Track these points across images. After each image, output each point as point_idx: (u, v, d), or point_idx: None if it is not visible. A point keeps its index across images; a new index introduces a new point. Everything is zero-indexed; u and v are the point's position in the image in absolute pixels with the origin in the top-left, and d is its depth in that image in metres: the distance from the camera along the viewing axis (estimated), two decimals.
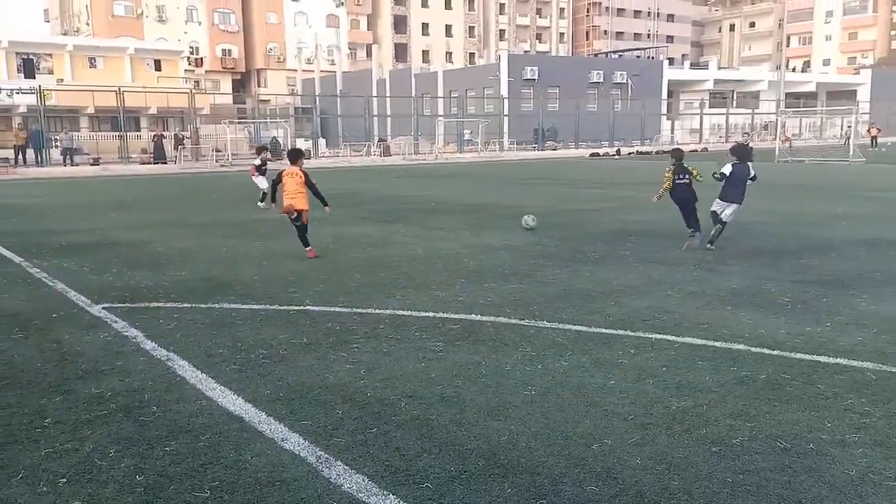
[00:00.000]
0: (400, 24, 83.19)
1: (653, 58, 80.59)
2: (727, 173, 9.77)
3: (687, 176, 10.19)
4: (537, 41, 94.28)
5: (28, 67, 51.35)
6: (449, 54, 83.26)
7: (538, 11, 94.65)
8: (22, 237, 12.00)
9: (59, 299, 7.49)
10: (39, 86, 37.99)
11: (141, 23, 67.19)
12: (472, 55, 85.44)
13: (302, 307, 6.99)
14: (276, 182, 10.01)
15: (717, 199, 9.99)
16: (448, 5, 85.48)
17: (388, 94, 59.32)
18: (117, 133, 40.11)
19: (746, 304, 6.91)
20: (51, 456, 3.78)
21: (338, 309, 6.91)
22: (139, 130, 46.54)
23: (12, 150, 35.85)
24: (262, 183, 16.79)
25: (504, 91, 54.55)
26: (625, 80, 61.81)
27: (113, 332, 6.19)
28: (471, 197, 18.76)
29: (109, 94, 38.63)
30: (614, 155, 45.80)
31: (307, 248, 9.84)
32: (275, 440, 3.96)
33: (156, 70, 55.06)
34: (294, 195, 9.66)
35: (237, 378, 4.98)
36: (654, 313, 6.62)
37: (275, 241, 11.33)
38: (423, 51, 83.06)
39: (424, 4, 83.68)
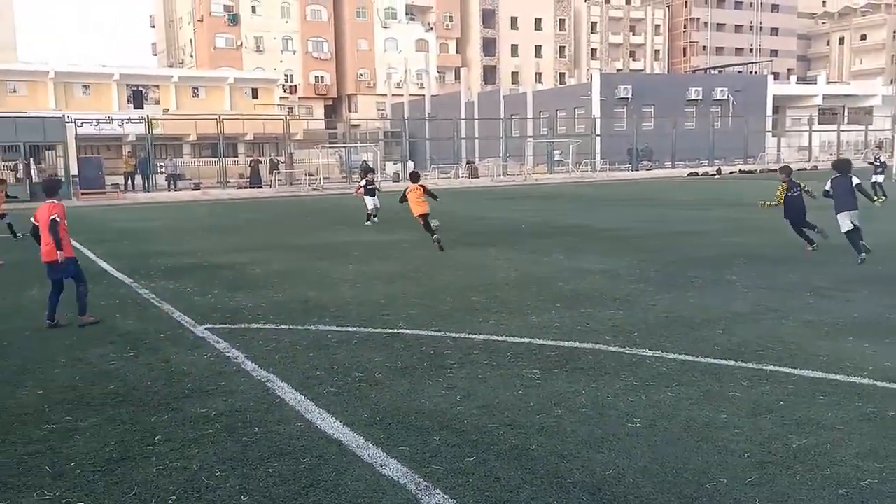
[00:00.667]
0: (489, 46, 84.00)
1: (756, 73, 77.74)
2: (828, 188, 10.70)
3: (797, 189, 11.46)
4: (631, 59, 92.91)
5: (137, 98, 55.00)
6: (539, 75, 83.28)
7: (632, 29, 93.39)
8: (131, 260, 12.74)
9: (166, 320, 7.89)
10: (147, 115, 40.54)
11: (240, 53, 70.81)
12: (562, 75, 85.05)
13: (395, 330, 7.06)
14: (402, 199, 13.58)
15: (837, 215, 10.57)
16: (538, 26, 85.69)
17: (476, 116, 59.85)
18: (216, 159, 42.21)
19: (870, 335, 6.47)
20: (161, 473, 3.94)
21: (431, 333, 6.94)
22: (237, 156, 48.84)
23: (122, 177, 38.35)
24: (370, 202, 18.55)
25: (596, 110, 53.95)
26: (726, 97, 59.86)
27: (216, 352, 6.45)
28: (563, 219, 18.56)
29: (210, 122, 40.79)
30: (714, 174, 44.30)
31: (434, 236, 12.91)
32: (373, 465, 3.99)
33: (253, 98, 57.78)
34: (419, 203, 13.27)
35: (335, 401, 5.07)
36: (766, 343, 6.30)
37: (366, 264, 11.55)
38: (512, 72, 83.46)
39: (514, 26, 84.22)
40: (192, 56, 73.59)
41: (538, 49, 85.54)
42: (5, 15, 64.03)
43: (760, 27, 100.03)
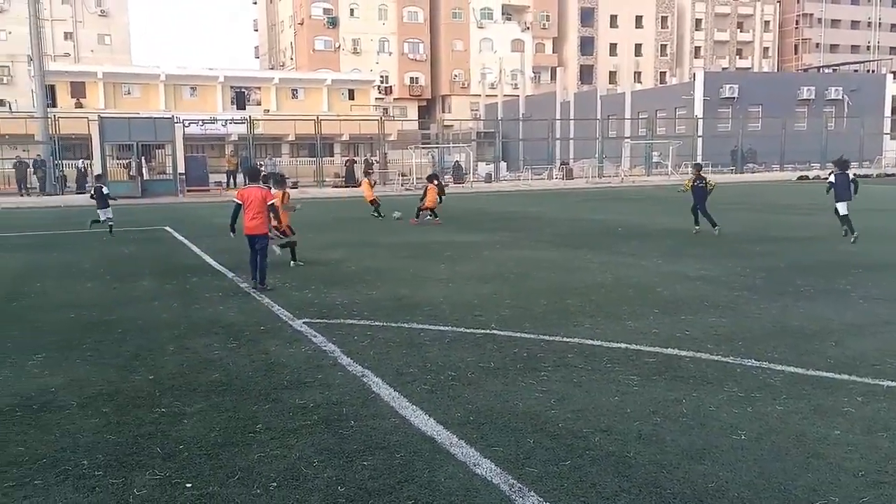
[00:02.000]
0: (586, 45, 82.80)
1: (873, 72, 73.11)
2: (831, 181, 13.96)
3: (702, 181, 14.43)
4: (737, 57, 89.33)
5: (240, 100, 57.53)
6: (637, 74, 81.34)
7: (739, 26, 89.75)
8: (233, 254, 13.27)
9: (266, 313, 8.21)
10: (249, 116, 42.34)
11: (338, 56, 72.83)
12: (662, 74, 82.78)
13: (488, 331, 7.08)
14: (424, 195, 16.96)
15: (836, 203, 13.72)
16: (639, 24, 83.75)
17: (572, 116, 59.12)
18: (313, 158, 43.55)
19: None
20: (262, 460, 4.12)
21: (524, 335, 6.92)
22: (332, 156, 50.24)
23: (224, 175, 40.21)
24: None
25: (699, 111, 52.19)
26: (840, 97, 56.61)
27: (313, 346, 6.67)
28: (661, 222, 18.06)
29: (308, 123, 42.14)
30: (827, 178, 41.96)
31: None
32: (467, 464, 4.02)
33: (349, 99, 59.30)
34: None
35: (428, 398, 5.14)
36: (884, 357, 5.92)
37: (458, 264, 11.63)
38: (610, 72, 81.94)
39: (613, 24, 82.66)
40: (292, 59, 76.30)
41: (638, 48, 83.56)
42: (121, 21, 68.41)
43: (879, 23, 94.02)
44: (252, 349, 6.60)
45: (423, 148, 46.79)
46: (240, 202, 9.84)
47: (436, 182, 19.48)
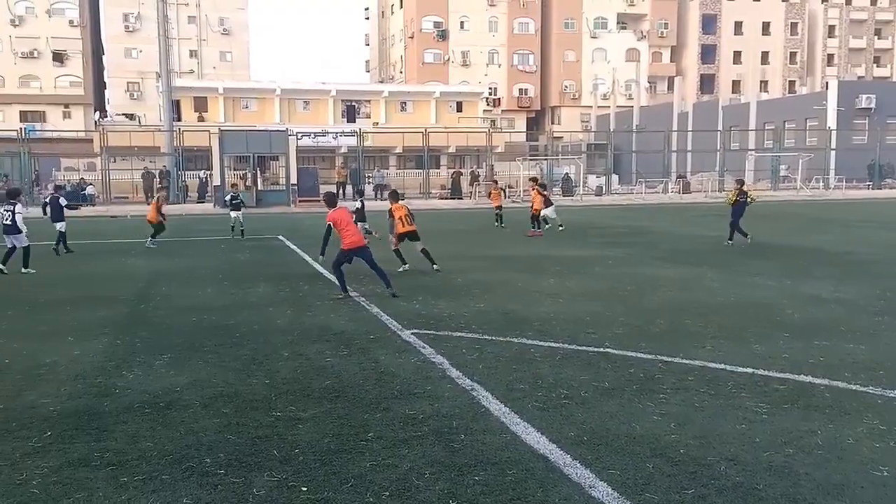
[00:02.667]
0: (708, 53, 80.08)
1: None
2: None
3: (744, 197, 14.21)
4: (875, 65, 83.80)
5: (350, 113, 59.47)
6: (764, 83, 77.80)
7: (877, 32, 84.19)
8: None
9: (375, 322, 8.41)
10: (359, 129, 43.70)
11: (447, 68, 73.98)
12: (791, 83, 78.80)
13: (601, 349, 6.94)
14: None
15: None
16: (766, 31, 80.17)
17: (690, 127, 57.28)
18: (420, 170, 44.35)
19: None
20: (375, 469, 4.20)
21: (640, 354, 6.73)
22: (438, 168, 50.99)
23: (334, 186, 41.63)
24: (551, 213, 19.99)
25: (832, 122, 49.32)
26: None
27: (422, 357, 6.76)
28: (788, 240, 17.15)
29: (416, 135, 43.01)
30: None
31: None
32: (582, 486, 3.94)
33: (457, 111, 60.02)
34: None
35: (539, 416, 5.08)
36: None
37: (568, 279, 11.48)
38: (733, 81, 78.85)
39: (738, 31, 79.53)
40: (401, 72, 78.12)
41: (764, 55, 79.97)
42: (241, 39, 72.35)
43: None
44: (362, 357, 6.76)
45: (531, 160, 46.65)
46: (330, 223, 10.30)
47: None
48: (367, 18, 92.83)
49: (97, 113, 63.93)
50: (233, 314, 8.92)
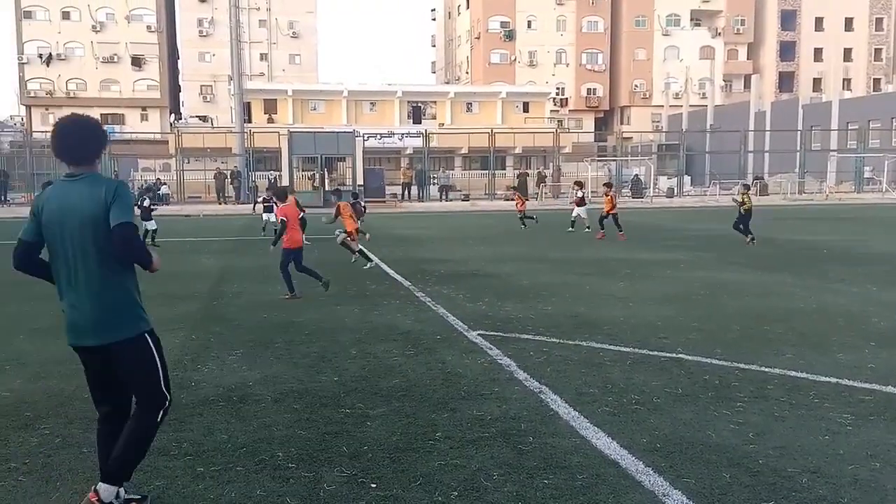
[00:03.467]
0: (786, 50, 77.50)
1: None
2: None
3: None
4: None
5: (416, 114, 59.98)
6: (847, 81, 74.81)
7: None
8: (409, 264, 13.87)
9: (441, 323, 8.45)
10: (425, 130, 44.05)
11: (513, 68, 73.81)
12: (876, 81, 75.56)
13: (674, 354, 6.80)
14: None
15: None
16: (849, 26, 77.02)
17: (767, 127, 55.53)
18: (486, 171, 44.39)
19: None
20: (443, 468, 4.23)
21: (715, 361, 6.56)
22: (504, 169, 50.91)
23: (400, 187, 42.08)
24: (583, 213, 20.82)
25: None
26: None
27: (489, 358, 6.76)
28: (875, 245, 16.43)
29: (482, 136, 43.09)
30: None
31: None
32: (655, 493, 3.87)
33: (524, 112, 59.78)
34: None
35: (610, 421, 5.02)
36: None
37: (638, 282, 11.30)
38: (814, 79, 76.07)
39: (819, 27, 76.66)
40: (467, 73, 78.34)
41: (847, 52, 76.83)
42: (310, 42, 73.88)
43: None
44: (429, 358, 6.81)
45: (600, 161, 46.09)
46: (284, 218, 10.44)
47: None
48: (434, 20, 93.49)
49: (172, 115, 66.36)
50: (301, 312, 9.11)
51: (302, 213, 11.25)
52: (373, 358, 6.81)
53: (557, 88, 71.31)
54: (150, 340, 3.56)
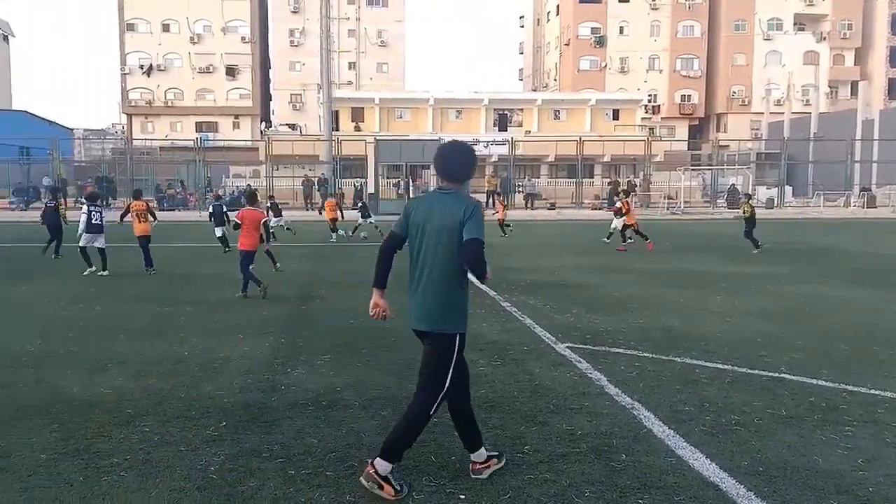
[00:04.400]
0: None
1: None
2: None
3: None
4: None
5: (502, 122, 60.01)
6: None
7: None
8: (494, 273, 13.83)
9: (528, 334, 8.39)
10: (511, 138, 44.02)
11: (603, 75, 72.85)
12: None
13: (776, 374, 6.52)
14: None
15: None
16: None
17: (875, 136, 52.70)
18: (573, 180, 43.91)
19: None
20: (532, 482, 4.19)
21: (822, 382, 6.26)
22: (592, 177, 50.24)
23: (484, 195, 42.12)
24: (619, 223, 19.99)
25: None
26: None
27: (578, 371, 6.66)
28: None
29: (569, 144, 42.72)
30: None
31: None
32: None
33: (613, 119, 58.91)
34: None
35: (708, 441, 4.85)
36: None
37: (736, 296, 10.91)
38: None
39: None
40: (555, 80, 77.86)
41: None
42: (397, 50, 75.17)
43: None
44: (516, 369, 6.77)
45: (693, 170, 44.85)
46: (238, 221, 11.46)
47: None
48: (522, 27, 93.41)
49: (263, 123, 68.75)
50: (387, 319, 9.21)
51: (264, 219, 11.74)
52: None
53: (649, 95, 69.94)
54: (457, 342, 4.15)
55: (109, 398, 5.82)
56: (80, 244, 13.68)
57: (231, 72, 70.98)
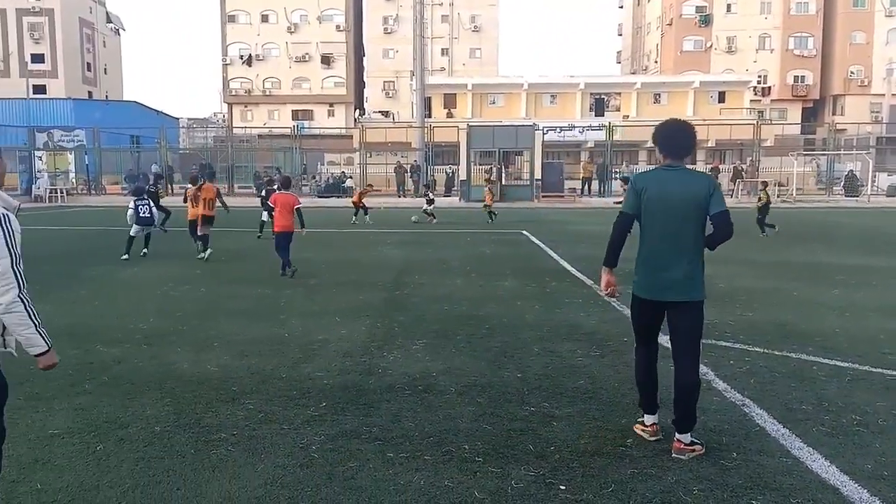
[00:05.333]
0: None
1: None
2: None
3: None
4: None
5: (599, 106, 58.82)
6: None
7: None
8: (590, 262, 13.59)
9: (627, 324, 8.14)
10: (609, 122, 43.09)
11: (708, 56, 70.18)
12: None
13: None
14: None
15: None
16: None
17: None
18: None
19: None
20: (636, 477, 4.09)
21: None
22: (695, 163, 48.59)
23: (580, 182, 41.51)
24: None
25: None
26: None
27: None
28: None
29: None
30: None
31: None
32: None
33: (719, 102, 56.73)
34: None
35: (827, 442, 4.61)
36: None
37: (856, 290, 10.33)
38: None
39: None
40: (656, 62, 75.63)
41: None
42: (491, 35, 74.79)
43: None
44: (616, 360, 6.64)
45: (807, 155, 42.70)
46: (272, 204, 12.36)
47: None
48: (621, 7, 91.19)
49: (356, 111, 70.03)
50: (481, 306, 9.24)
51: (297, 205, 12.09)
52: (556, 357, 6.75)
53: (759, 76, 66.85)
54: (703, 307, 4.45)
55: (216, 375, 6.08)
56: (132, 233, 14.18)
57: (326, 60, 72.57)
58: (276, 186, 16.82)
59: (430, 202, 24.32)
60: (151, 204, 14.62)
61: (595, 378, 6.06)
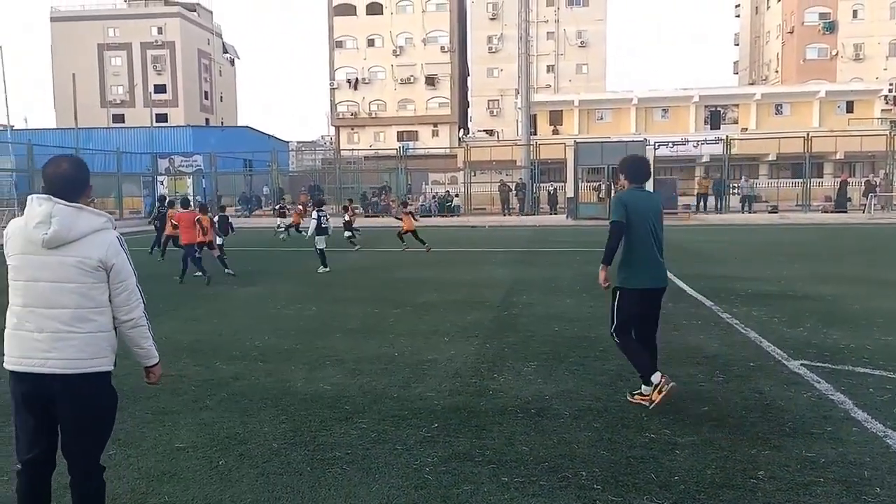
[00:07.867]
0: None
1: None
2: None
3: None
4: None
5: (714, 119, 57.01)
6: None
7: None
8: (708, 281, 13.13)
9: (753, 348, 7.84)
10: (726, 136, 41.64)
11: (833, 64, 66.87)
12: None
13: None
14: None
15: None
16: None
17: None
18: (798, 180, 40.63)
19: None
20: None
21: None
22: (822, 177, 46.20)
23: (695, 198, 40.23)
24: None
25: None
26: None
27: (816, 392, 6.10)
28: None
29: (793, 141, 39.52)
30: None
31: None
32: None
33: (847, 112, 53.86)
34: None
35: None
36: None
37: None
38: None
39: None
40: (776, 71, 72.72)
41: None
42: (598, 50, 74.04)
43: None
44: (742, 386, 6.34)
45: None
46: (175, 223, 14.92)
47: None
48: (738, 16, 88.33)
49: (461, 130, 70.81)
50: (593, 327, 9.05)
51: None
52: (676, 381, 6.49)
53: (890, 84, 62.98)
54: None
55: (329, 394, 6.23)
56: (319, 247, 15.62)
57: (431, 81, 73.89)
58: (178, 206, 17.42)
59: (348, 224, 21.60)
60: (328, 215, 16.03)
61: (719, 405, 5.81)
